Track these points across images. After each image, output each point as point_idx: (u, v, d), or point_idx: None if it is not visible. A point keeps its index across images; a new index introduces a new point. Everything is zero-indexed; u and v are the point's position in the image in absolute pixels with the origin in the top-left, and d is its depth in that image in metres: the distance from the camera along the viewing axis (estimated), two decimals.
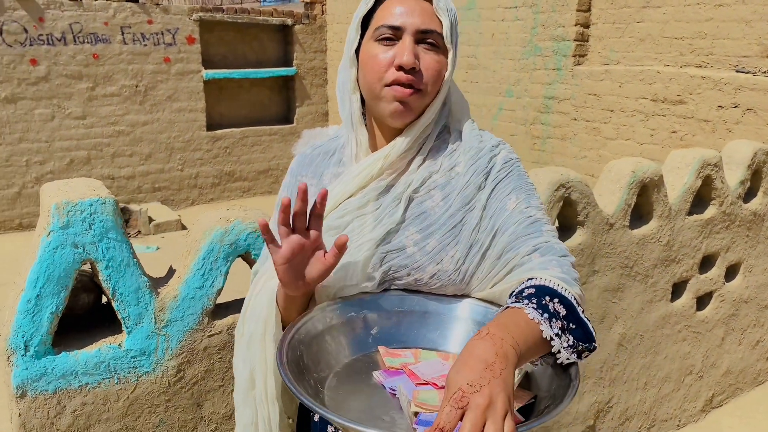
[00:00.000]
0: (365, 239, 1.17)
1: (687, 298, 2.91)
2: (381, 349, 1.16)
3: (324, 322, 1.15)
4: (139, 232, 7.25)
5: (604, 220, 2.45)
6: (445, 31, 1.14)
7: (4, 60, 7.06)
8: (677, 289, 2.90)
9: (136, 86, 7.92)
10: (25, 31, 7.11)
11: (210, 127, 8.58)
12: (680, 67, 4.72)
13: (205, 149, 8.52)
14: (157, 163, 8.23)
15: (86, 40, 7.46)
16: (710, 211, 2.88)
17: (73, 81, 7.50)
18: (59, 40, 7.31)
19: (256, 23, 8.64)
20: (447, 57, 1.17)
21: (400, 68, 1.11)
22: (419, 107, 1.16)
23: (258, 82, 8.89)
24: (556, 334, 1.00)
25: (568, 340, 1.01)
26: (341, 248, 1.07)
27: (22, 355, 1.46)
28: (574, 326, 1.03)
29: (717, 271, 3.01)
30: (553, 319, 1.00)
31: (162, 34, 7.94)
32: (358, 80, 1.20)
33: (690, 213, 2.82)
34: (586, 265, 2.44)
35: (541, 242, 1.14)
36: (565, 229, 2.45)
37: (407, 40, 1.12)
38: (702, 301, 3.04)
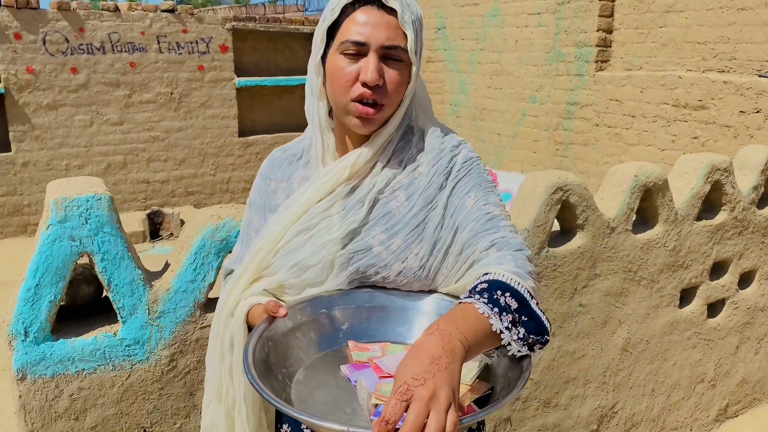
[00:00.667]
0: (329, 238, 1.22)
1: (697, 305, 2.87)
2: (350, 343, 1.21)
3: (294, 320, 1.20)
4: (171, 234, 7.46)
5: (605, 223, 2.45)
6: (410, 45, 1.17)
7: (47, 68, 7.37)
8: (687, 296, 2.86)
9: (171, 93, 8.17)
10: (67, 41, 7.42)
11: (242, 133, 8.78)
12: (702, 72, 4.65)
13: (237, 155, 8.71)
14: (191, 167, 8.46)
15: (124, 49, 7.74)
16: (721, 217, 2.84)
17: (111, 88, 7.78)
18: (98, 49, 7.60)
19: (287, 32, 8.82)
20: (411, 69, 1.20)
21: (364, 84, 1.15)
22: (382, 119, 1.21)
23: (289, 90, 9.06)
24: (506, 327, 1.03)
25: (519, 332, 1.04)
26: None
27: (23, 341, 1.56)
28: (526, 319, 1.06)
29: (729, 278, 2.96)
30: (504, 313, 1.03)
31: (196, 42, 8.18)
32: (324, 86, 1.23)
33: (699, 218, 2.79)
34: (586, 269, 2.45)
35: (498, 237, 1.18)
36: (565, 233, 2.46)
37: (372, 57, 1.14)
38: (714, 309, 2.99)
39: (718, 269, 2.95)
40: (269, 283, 1.24)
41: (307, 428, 1.22)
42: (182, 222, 7.52)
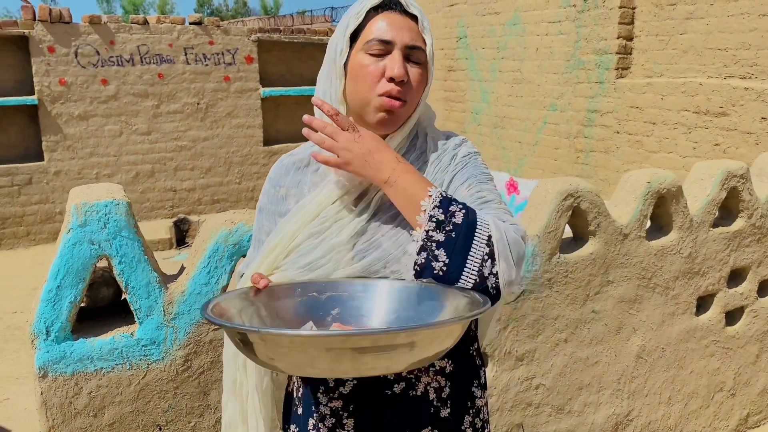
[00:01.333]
0: (338, 240, 1.24)
1: (714, 313, 2.85)
2: (335, 326, 1.21)
3: (289, 294, 1.22)
4: None
5: (617, 230, 2.45)
6: (428, 49, 1.23)
7: (78, 80, 7.60)
8: (704, 303, 2.84)
9: (198, 104, 8.34)
10: (98, 53, 7.64)
11: (267, 142, 8.91)
12: (724, 79, 4.61)
13: (261, 163, 8.84)
14: (217, 176, 8.61)
15: (152, 61, 7.94)
16: (738, 224, 2.81)
17: (140, 99, 7.98)
18: (128, 61, 7.81)
19: (311, 42, 8.94)
20: (428, 73, 1.25)
21: (391, 80, 1.19)
22: (404, 117, 1.24)
23: None
24: (431, 215, 1.08)
25: (436, 235, 1.07)
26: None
27: (44, 340, 1.64)
28: (455, 237, 1.08)
29: (748, 285, 2.93)
30: (441, 210, 1.09)
31: (222, 54, 8.35)
32: (344, 92, 1.26)
33: (716, 225, 2.77)
34: (599, 275, 2.45)
35: (490, 214, 1.18)
36: (577, 239, 2.47)
37: (397, 54, 1.20)
38: (733, 317, 2.96)
39: (736, 277, 2.92)
40: (278, 279, 1.27)
41: (313, 430, 1.26)
42: None
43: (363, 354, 0.94)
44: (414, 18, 1.23)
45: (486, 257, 1.08)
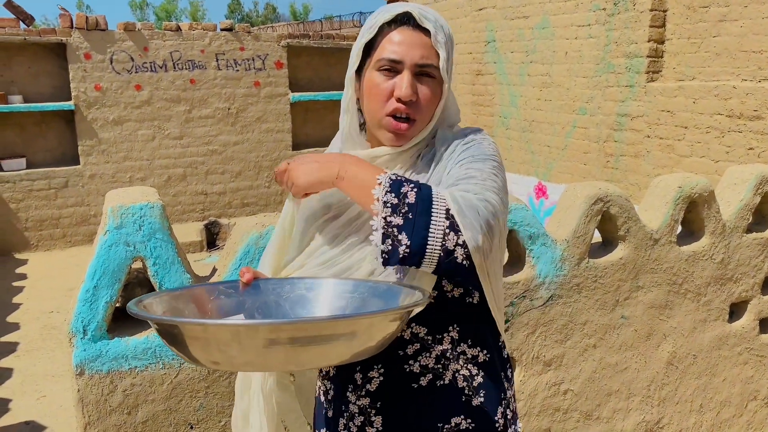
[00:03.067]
0: (356, 239, 1.26)
1: (748, 320, 2.79)
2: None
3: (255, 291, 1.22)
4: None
5: (647, 235, 2.43)
6: (442, 64, 1.23)
7: (113, 86, 7.77)
8: (737, 310, 2.79)
9: (229, 109, 8.46)
10: (132, 59, 7.81)
11: (296, 146, 9.00)
12: (758, 82, 4.51)
13: None
14: (246, 180, 8.72)
15: (184, 67, 8.08)
16: None
17: (172, 104, 8.13)
18: (161, 67, 7.96)
19: (339, 48, 9.01)
20: (442, 87, 1.25)
21: (399, 100, 1.21)
22: (413, 134, 1.25)
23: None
24: (384, 201, 1.05)
25: (393, 219, 1.04)
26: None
27: (81, 338, 1.69)
28: (411, 217, 1.04)
29: None
30: (393, 194, 1.06)
31: (253, 59, 8.46)
32: (358, 101, 1.30)
33: (750, 230, 2.72)
34: (628, 280, 2.43)
35: (462, 186, 1.13)
36: (607, 244, 2.45)
37: (406, 74, 1.21)
38: (766, 324, 2.90)
39: None
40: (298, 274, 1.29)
41: (344, 430, 1.28)
42: None
43: (274, 346, 0.92)
44: (427, 32, 1.22)
45: (447, 230, 1.03)
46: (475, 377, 1.26)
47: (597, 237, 2.50)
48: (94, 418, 1.74)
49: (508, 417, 1.31)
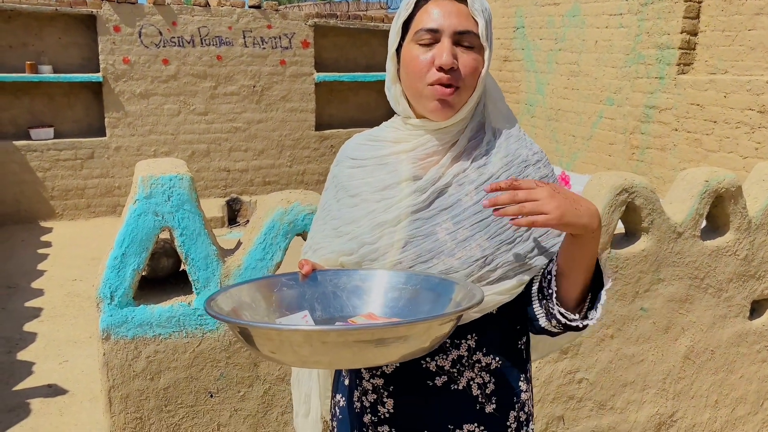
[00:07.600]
0: (386, 218, 1.24)
1: None
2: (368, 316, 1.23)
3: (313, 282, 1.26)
4: (248, 221, 7.77)
5: (671, 228, 2.41)
6: (481, 31, 1.21)
7: (141, 59, 7.83)
8: (758, 307, 2.77)
9: (254, 86, 8.48)
10: (160, 33, 7.85)
11: (319, 126, 9.01)
12: None
13: (312, 147, 8.95)
14: (269, 158, 8.76)
15: (212, 43, 8.10)
16: None
17: (199, 80, 8.17)
18: (188, 42, 8.00)
19: (367, 29, 8.97)
20: (483, 55, 1.24)
21: (440, 69, 1.19)
22: (459, 103, 1.23)
23: (366, 86, 9.21)
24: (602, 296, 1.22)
25: (596, 312, 1.24)
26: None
27: (108, 304, 1.73)
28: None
29: None
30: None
31: (279, 38, 8.45)
32: (398, 75, 1.28)
33: None
34: (650, 273, 2.42)
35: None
36: (629, 235, 2.44)
37: (445, 41, 1.19)
38: None
39: None
40: (327, 253, 1.30)
41: (357, 402, 1.31)
42: None
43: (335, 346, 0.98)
44: (464, 1, 1.21)
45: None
46: (488, 384, 1.27)
47: (620, 228, 2.49)
48: (118, 382, 1.79)
49: (521, 419, 1.32)
